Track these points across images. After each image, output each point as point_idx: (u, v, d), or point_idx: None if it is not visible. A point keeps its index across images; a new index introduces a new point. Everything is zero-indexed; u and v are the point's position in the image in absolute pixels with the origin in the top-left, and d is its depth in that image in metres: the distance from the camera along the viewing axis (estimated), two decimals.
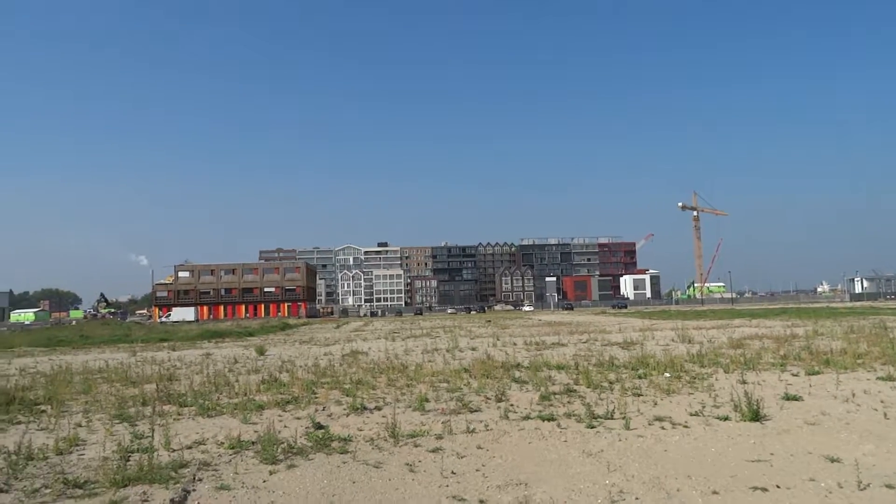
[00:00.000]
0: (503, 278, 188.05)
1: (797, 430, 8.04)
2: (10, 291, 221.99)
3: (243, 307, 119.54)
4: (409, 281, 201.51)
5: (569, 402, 10.26)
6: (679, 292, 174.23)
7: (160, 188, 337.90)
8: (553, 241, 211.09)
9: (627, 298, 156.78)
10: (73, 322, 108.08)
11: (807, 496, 5.64)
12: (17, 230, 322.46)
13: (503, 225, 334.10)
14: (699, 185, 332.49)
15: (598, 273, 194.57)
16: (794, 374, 12.83)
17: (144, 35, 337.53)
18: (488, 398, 10.87)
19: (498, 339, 26.98)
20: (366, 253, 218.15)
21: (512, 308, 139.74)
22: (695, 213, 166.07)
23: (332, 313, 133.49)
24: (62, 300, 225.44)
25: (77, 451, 7.95)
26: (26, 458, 7.39)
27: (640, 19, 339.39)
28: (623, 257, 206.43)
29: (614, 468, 6.55)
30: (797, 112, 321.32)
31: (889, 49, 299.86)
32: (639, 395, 10.76)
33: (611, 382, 12.24)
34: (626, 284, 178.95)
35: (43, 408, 11.23)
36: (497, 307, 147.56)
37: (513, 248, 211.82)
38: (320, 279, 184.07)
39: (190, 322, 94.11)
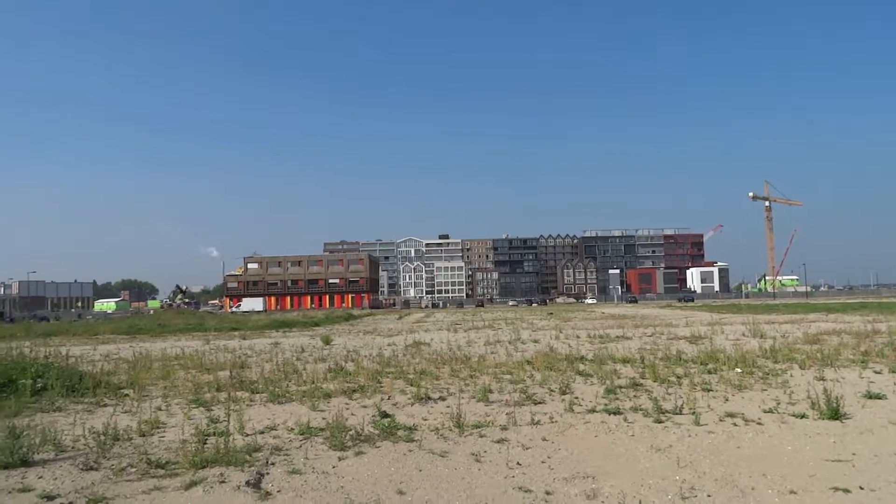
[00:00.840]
0: (565, 271, 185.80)
1: (881, 430, 7.63)
2: (94, 282, 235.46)
3: (309, 298, 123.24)
4: (469, 273, 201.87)
5: (635, 397, 10.05)
6: (749, 286, 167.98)
7: (232, 182, 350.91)
8: (616, 233, 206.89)
9: (694, 292, 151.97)
10: (151, 311, 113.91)
11: (894, 499, 5.36)
12: (100, 224, 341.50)
13: (565, 217, 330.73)
14: (771, 173, 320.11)
15: (663, 265, 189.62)
16: (876, 372, 12.15)
17: (236, 35, 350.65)
18: (552, 390, 10.76)
19: (560, 332, 26.65)
20: (427, 245, 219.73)
21: (574, 301, 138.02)
22: (766, 203, 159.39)
23: (393, 304, 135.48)
24: (141, 290, 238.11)
25: (158, 433, 8.28)
26: (113, 438, 7.71)
27: (731, 5, 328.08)
28: (690, 249, 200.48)
29: (684, 464, 6.39)
30: (884, 99, 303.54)
31: None
32: (708, 391, 10.41)
33: (678, 377, 11.90)
34: (693, 277, 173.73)
35: (126, 392, 11.78)
36: (559, 300, 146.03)
37: (575, 241, 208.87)
38: (382, 271, 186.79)
39: (259, 312, 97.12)
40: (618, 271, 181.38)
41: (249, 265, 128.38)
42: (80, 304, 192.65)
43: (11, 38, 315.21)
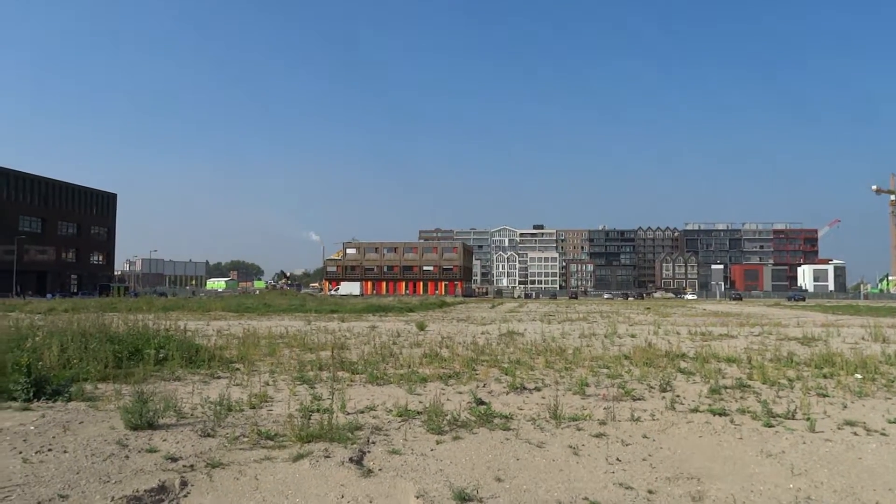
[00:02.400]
0: (664, 264, 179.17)
1: None
2: (207, 262, 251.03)
3: (403, 284, 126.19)
4: (564, 264, 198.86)
5: (742, 398, 9.54)
6: (869, 286, 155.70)
7: (331, 167, 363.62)
8: (721, 227, 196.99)
9: (805, 290, 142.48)
10: (257, 291, 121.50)
11: None
12: (214, 208, 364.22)
13: (664, 209, 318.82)
14: None
15: (771, 262, 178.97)
16: None
17: (317, 39, 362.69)
18: (651, 387, 10.43)
19: (659, 328, 25.75)
20: (521, 235, 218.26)
21: (672, 296, 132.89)
22: (892, 197, 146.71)
23: (486, 294, 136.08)
24: (248, 271, 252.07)
25: (266, 406, 8.64)
26: (227, 409, 8.17)
27: None
28: (802, 245, 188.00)
29: (799, 472, 6.02)
30: None
31: None
32: (824, 396, 9.74)
33: (790, 380, 11.19)
34: (805, 275, 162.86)
35: (237, 366, 12.43)
36: (656, 294, 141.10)
37: (675, 233, 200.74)
38: (476, 259, 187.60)
39: (356, 296, 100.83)
40: (721, 266, 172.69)
41: (348, 250, 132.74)
42: (193, 281, 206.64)
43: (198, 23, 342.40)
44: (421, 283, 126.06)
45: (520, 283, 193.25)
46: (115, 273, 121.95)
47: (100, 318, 15.04)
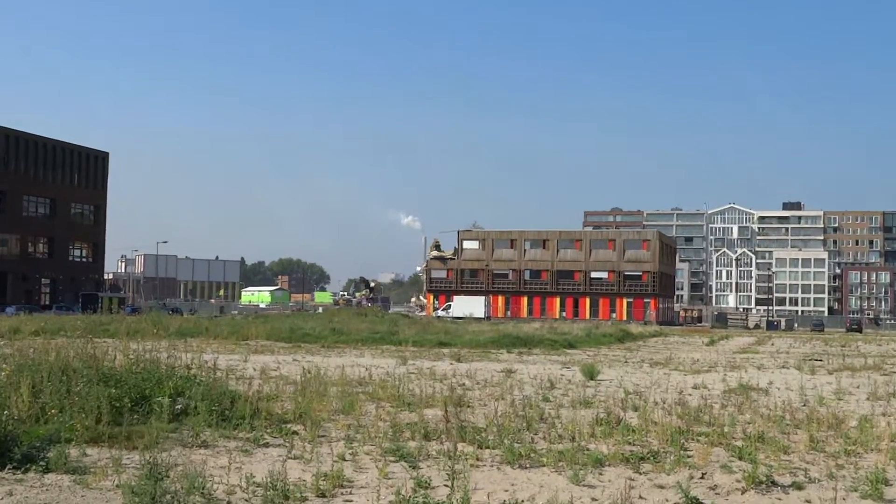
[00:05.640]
0: None
1: None
2: (242, 260, 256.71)
3: (557, 300, 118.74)
4: (838, 271, 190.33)
5: None
6: None
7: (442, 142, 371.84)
8: None
9: None
10: (320, 309, 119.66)
11: None
12: (252, 179, 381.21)
13: None
14: None
15: None
16: None
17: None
18: None
19: None
20: (761, 219, 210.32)
21: None
22: None
23: (699, 319, 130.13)
24: (305, 277, 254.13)
25: (342, 494, 8.85)
26: (282, 495, 8.33)
27: None
28: None
29: None
30: None
31: None
32: None
33: None
34: None
35: (294, 428, 12.82)
36: None
37: None
38: (682, 261, 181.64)
39: (479, 319, 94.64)
40: None
41: (465, 244, 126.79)
42: (222, 292, 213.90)
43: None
44: (586, 300, 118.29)
45: (758, 301, 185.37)
46: (106, 276, 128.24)
47: (88, 347, 15.41)
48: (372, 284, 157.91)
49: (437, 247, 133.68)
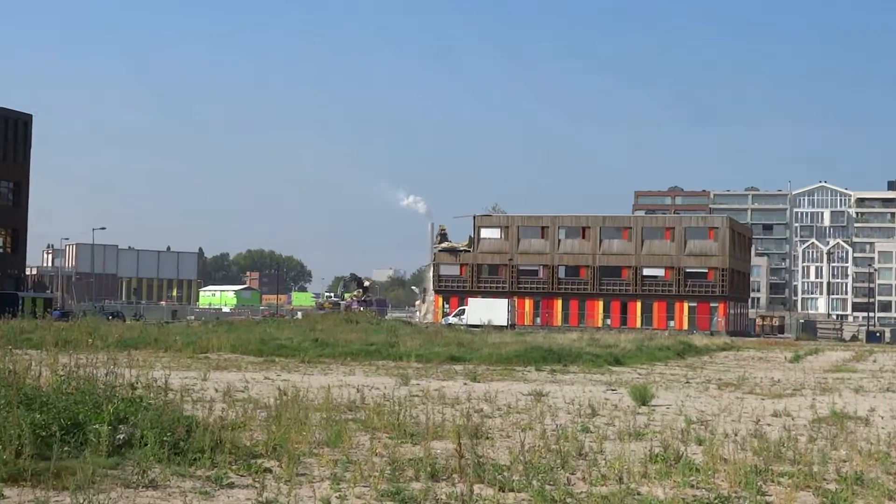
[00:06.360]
0: None
1: None
2: (200, 252, 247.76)
3: (601, 303, 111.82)
4: None
5: None
6: None
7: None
8: None
9: None
10: (299, 314, 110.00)
11: None
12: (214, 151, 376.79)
13: None
14: None
15: None
16: None
17: None
18: None
19: None
20: (860, 202, 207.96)
21: None
22: None
23: (780, 329, 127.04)
24: (280, 273, 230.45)
25: None
26: None
27: None
28: None
29: None
30: None
31: None
32: None
33: None
34: None
35: (266, 464, 12.06)
36: None
37: None
38: (759, 255, 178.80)
39: (500, 328, 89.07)
40: None
41: (483, 232, 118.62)
42: (175, 292, 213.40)
43: None
44: (636, 304, 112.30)
45: (855, 306, 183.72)
46: (28, 271, 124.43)
47: (6, 360, 15.25)
48: (365, 284, 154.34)
49: (444, 236, 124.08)
